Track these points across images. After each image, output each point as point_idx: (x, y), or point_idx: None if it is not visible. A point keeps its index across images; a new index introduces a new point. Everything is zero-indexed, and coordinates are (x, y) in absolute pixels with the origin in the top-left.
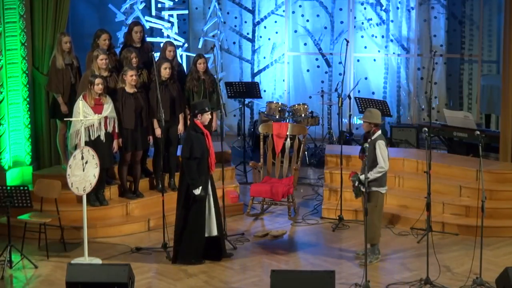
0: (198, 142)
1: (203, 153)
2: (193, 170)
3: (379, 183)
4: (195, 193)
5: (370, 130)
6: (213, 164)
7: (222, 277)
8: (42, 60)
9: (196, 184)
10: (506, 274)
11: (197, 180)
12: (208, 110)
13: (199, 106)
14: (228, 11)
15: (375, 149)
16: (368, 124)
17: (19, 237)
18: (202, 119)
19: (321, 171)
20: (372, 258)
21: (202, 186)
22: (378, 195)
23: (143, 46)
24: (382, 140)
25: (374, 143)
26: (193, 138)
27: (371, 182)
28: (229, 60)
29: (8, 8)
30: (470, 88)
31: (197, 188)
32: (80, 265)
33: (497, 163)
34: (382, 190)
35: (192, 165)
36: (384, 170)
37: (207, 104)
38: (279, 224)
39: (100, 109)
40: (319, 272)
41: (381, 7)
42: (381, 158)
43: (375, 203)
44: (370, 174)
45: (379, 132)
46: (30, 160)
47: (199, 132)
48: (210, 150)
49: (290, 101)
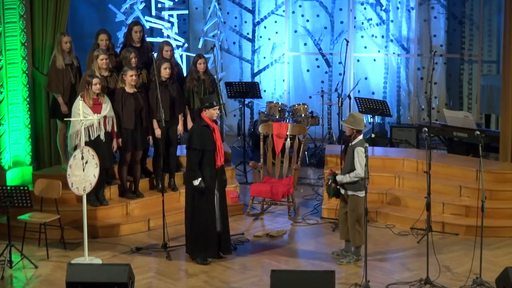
0: (198, 135)
1: (205, 146)
2: (192, 161)
3: (356, 187)
4: (194, 183)
5: (351, 134)
6: (221, 158)
7: (222, 277)
8: (42, 60)
9: (195, 175)
10: (506, 274)
11: (195, 171)
12: (216, 105)
13: (207, 100)
14: (228, 11)
15: (353, 154)
16: (350, 128)
17: (19, 237)
18: (209, 113)
19: (321, 171)
20: (351, 259)
21: (206, 179)
22: (357, 199)
23: (143, 46)
24: (361, 147)
25: (353, 149)
26: (194, 130)
27: (349, 185)
28: (229, 60)
29: (8, 8)
30: (470, 88)
31: (195, 179)
32: (80, 265)
33: (497, 163)
34: (360, 194)
35: (192, 155)
36: (360, 176)
37: (215, 99)
38: (279, 224)
39: (99, 109)
40: (319, 272)
41: (381, 7)
42: (358, 165)
43: (352, 207)
44: (346, 176)
45: (360, 137)
46: (30, 160)
47: (202, 125)
48: (217, 144)
49: (290, 101)
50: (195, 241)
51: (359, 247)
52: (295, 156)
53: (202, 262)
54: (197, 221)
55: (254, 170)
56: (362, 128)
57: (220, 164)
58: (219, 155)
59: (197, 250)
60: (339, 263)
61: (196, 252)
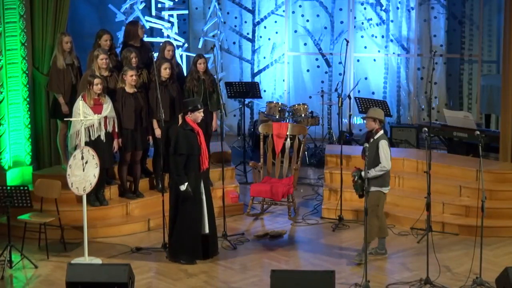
0: (184, 139)
1: (191, 150)
2: (178, 166)
3: (381, 182)
4: (180, 189)
5: (373, 129)
6: (205, 162)
7: (222, 277)
8: (42, 60)
9: (181, 180)
10: (506, 274)
11: (182, 177)
12: (200, 108)
13: (191, 104)
14: (228, 11)
15: (378, 148)
16: (371, 122)
17: (19, 237)
18: (193, 116)
19: (321, 171)
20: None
21: (190, 183)
22: (380, 195)
23: (143, 46)
24: (384, 140)
25: (377, 143)
26: (179, 134)
27: (373, 181)
28: (229, 60)
29: (8, 8)
30: (470, 88)
31: (182, 184)
32: (80, 265)
33: (497, 163)
34: (384, 190)
35: (178, 161)
36: (386, 169)
37: (199, 102)
38: (279, 224)
39: (100, 109)
40: (319, 272)
41: (381, 7)
42: (383, 158)
43: (376, 202)
44: (372, 171)
45: (381, 132)
46: (30, 160)
47: (187, 129)
48: (202, 147)
49: (290, 101)
50: (178, 244)
51: (369, 244)
52: (295, 156)
53: (187, 263)
54: (180, 224)
55: (254, 170)
56: (383, 119)
57: (204, 167)
58: (204, 159)
59: (181, 253)
60: (353, 260)
61: (180, 254)
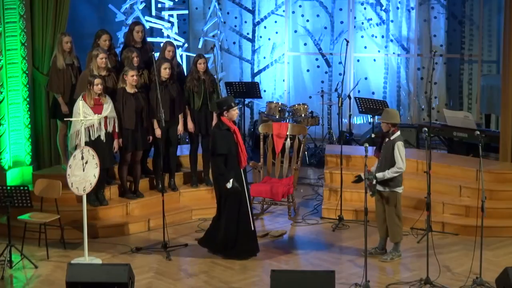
0: (222, 139)
1: (229, 149)
2: (220, 166)
3: (396, 183)
4: (227, 186)
5: (389, 130)
6: (244, 159)
7: (222, 277)
8: (42, 60)
9: (227, 178)
10: (506, 274)
11: (226, 174)
12: (234, 106)
13: (225, 103)
14: (228, 11)
15: (393, 149)
16: (386, 124)
17: (19, 237)
18: (229, 115)
19: (321, 171)
20: (394, 255)
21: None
22: (396, 195)
23: (144, 47)
24: (401, 141)
25: (393, 144)
26: (216, 135)
27: (388, 182)
28: (229, 60)
29: (8, 8)
30: (470, 88)
31: (227, 181)
32: (80, 265)
33: (497, 163)
34: (399, 190)
35: (219, 161)
36: (402, 170)
37: (232, 100)
38: (279, 224)
39: (100, 109)
40: (319, 272)
41: (381, 7)
42: (399, 159)
43: (394, 203)
44: (387, 172)
45: (398, 133)
46: (30, 160)
47: (224, 128)
48: (240, 145)
49: (290, 101)
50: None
51: (398, 243)
52: (295, 156)
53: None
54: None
55: (254, 170)
56: (398, 122)
57: (244, 165)
58: (242, 157)
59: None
60: (383, 260)
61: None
